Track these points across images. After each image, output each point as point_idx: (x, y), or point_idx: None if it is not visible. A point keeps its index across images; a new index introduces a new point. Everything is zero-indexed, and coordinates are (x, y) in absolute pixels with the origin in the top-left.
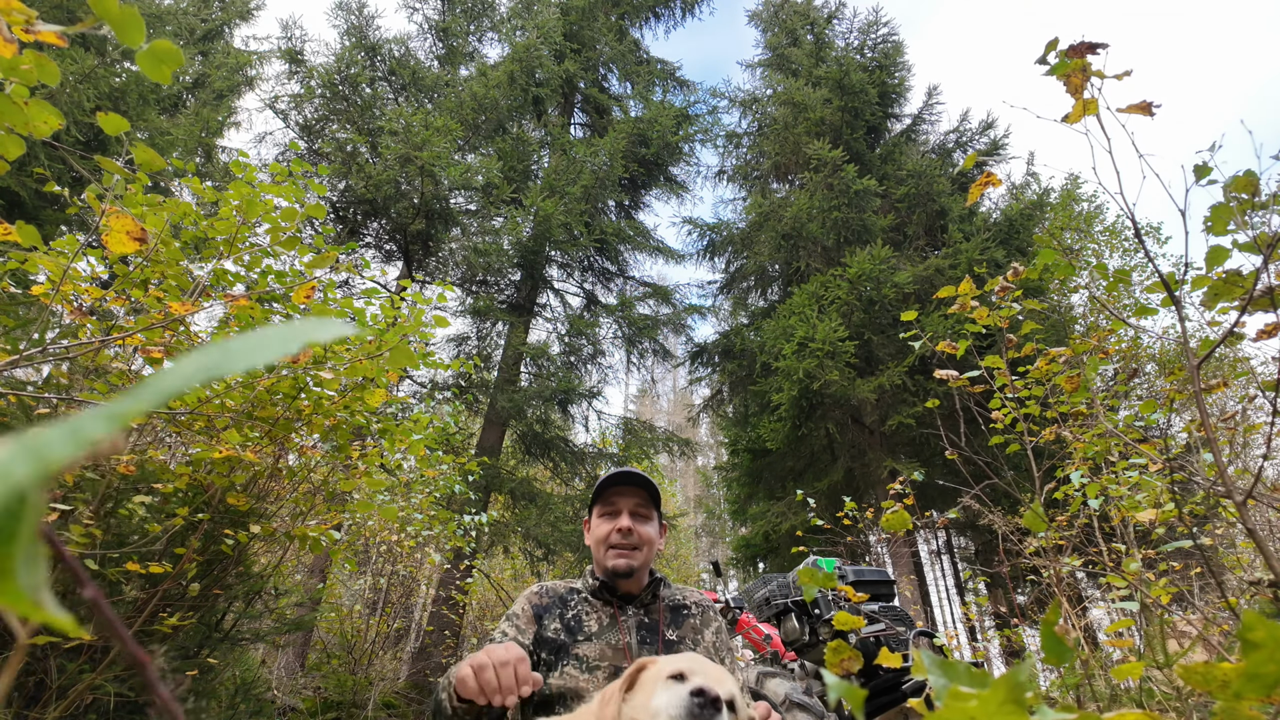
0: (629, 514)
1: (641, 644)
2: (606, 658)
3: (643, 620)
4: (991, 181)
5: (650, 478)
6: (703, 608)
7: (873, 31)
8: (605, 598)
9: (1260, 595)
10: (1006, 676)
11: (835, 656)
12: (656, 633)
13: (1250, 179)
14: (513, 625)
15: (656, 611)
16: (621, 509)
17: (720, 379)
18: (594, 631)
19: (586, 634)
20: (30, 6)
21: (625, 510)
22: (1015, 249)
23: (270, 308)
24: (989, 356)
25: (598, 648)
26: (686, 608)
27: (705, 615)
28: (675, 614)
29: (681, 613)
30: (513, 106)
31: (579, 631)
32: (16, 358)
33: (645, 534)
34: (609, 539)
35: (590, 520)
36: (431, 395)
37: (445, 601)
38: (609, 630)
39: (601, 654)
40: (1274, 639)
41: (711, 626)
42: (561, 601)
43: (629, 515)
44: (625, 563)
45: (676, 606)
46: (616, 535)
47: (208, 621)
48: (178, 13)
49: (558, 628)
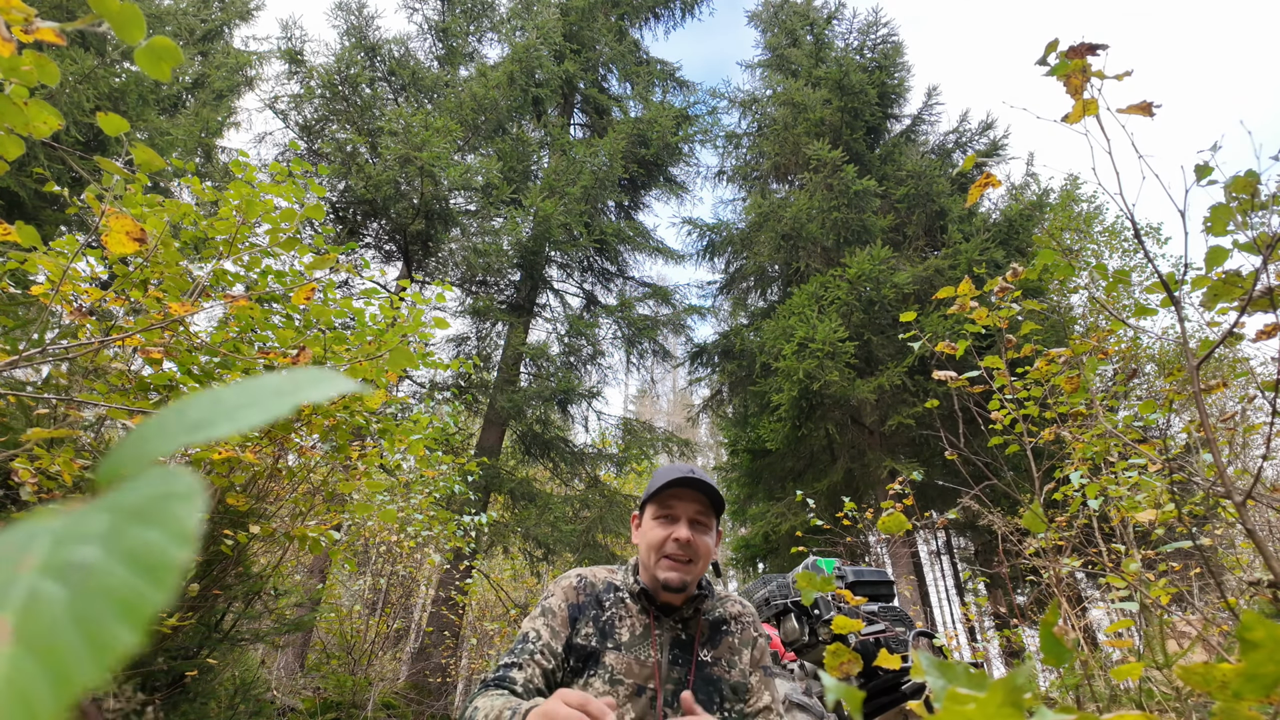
0: (688, 522)
1: (673, 664)
2: (633, 674)
3: (679, 636)
4: (991, 182)
5: (714, 483)
6: (743, 624)
7: (872, 32)
8: (644, 604)
9: (1260, 596)
10: (1004, 680)
11: (835, 660)
12: (691, 651)
13: (1251, 179)
14: (547, 625)
15: (695, 627)
16: (680, 515)
17: (720, 379)
18: (624, 641)
19: (617, 641)
20: (29, 5)
21: (684, 518)
22: (1015, 249)
23: (270, 308)
24: (988, 357)
25: (625, 661)
26: (726, 623)
27: (745, 632)
28: (714, 630)
29: (720, 629)
30: (512, 107)
31: (610, 637)
32: (16, 358)
33: (703, 546)
34: (664, 547)
35: (641, 518)
36: (431, 395)
37: (445, 602)
38: (641, 643)
39: (629, 669)
40: (1273, 639)
41: (751, 645)
42: (598, 602)
43: (688, 524)
44: (678, 576)
45: (716, 622)
46: (673, 545)
47: (207, 622)
48: (177, 13)
49: (589, 632)
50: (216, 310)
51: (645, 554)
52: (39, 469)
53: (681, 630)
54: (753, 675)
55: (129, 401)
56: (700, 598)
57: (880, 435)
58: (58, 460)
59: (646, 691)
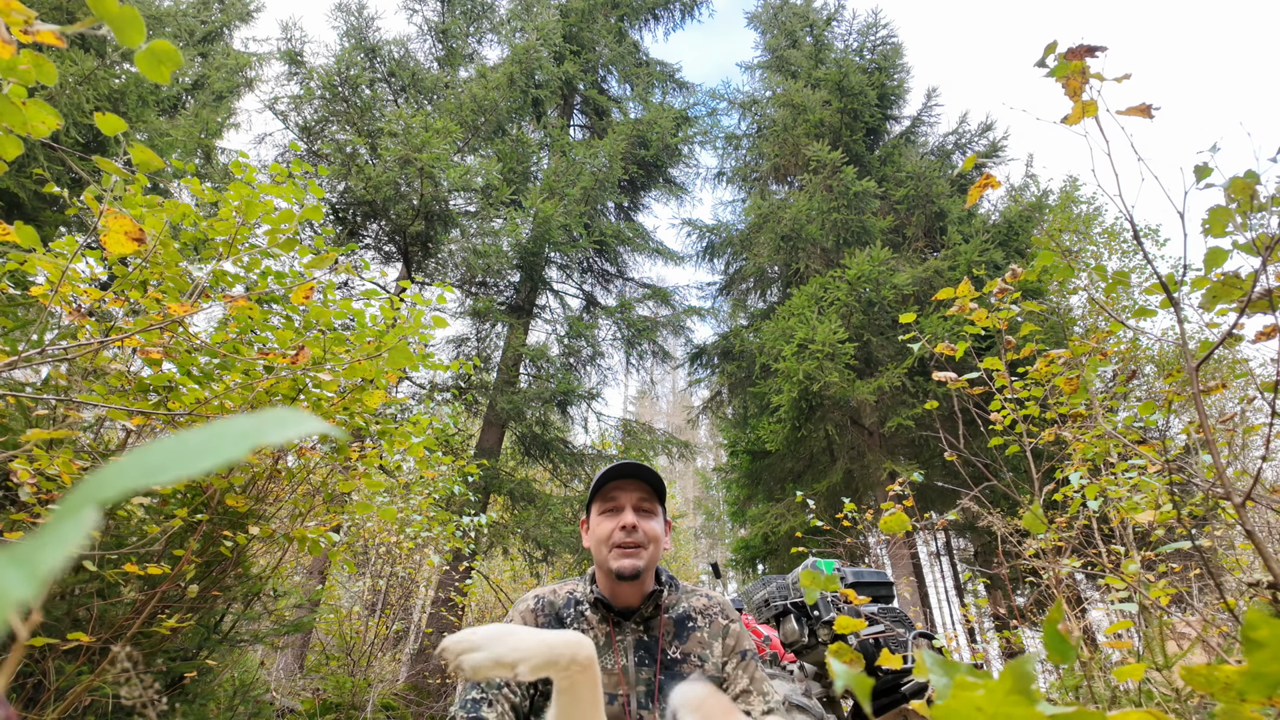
0: (632, 509)
1: (640, 665)
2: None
3: (641, 638)
4: (990, 183)
5: (653, 469)
6: (711, 616)
7: (872, 33)
8: (603, 613)
9: (1259, 597)
10: (1013, 666)
11: (838, 658)
12: (656, 651)
13: (1249, 180)
14: None
15: (657, 626)
16: (624, 504)
17: (720, 380)
18: None
19: None
20: (29, 7)
21: (629, 505)
22: (1014, 251)
23: (269, 309)
24: (988, 358)
25: None
26: (692, 618)
27: (714, 624)
28: (680, 626)
29: (687, 625)
30: (512, 108)
31: None
32: (15, 359)
33: (651, 531)
34: (611, 538)
35: (589, 520)
36: (431, 396)
37: (444, 603)
38: (604, 653)
39: None
40: (1278, 638)
41: (723, 635)
42: (558, 619)
43: (633, 511)
44: (630, 563)
45: (682, 618)
46: (620, 534)
47: (206, 623)
48: (177, 15)
49: None
50: (216, 311)
51: (597, 550)
52: (38, 470)
53: (644, 631)
54: (728, 663)
55: (128, 402)
56: (657, 594)
57: (880, 436)
58: (57, 461)
59: (618, 699)
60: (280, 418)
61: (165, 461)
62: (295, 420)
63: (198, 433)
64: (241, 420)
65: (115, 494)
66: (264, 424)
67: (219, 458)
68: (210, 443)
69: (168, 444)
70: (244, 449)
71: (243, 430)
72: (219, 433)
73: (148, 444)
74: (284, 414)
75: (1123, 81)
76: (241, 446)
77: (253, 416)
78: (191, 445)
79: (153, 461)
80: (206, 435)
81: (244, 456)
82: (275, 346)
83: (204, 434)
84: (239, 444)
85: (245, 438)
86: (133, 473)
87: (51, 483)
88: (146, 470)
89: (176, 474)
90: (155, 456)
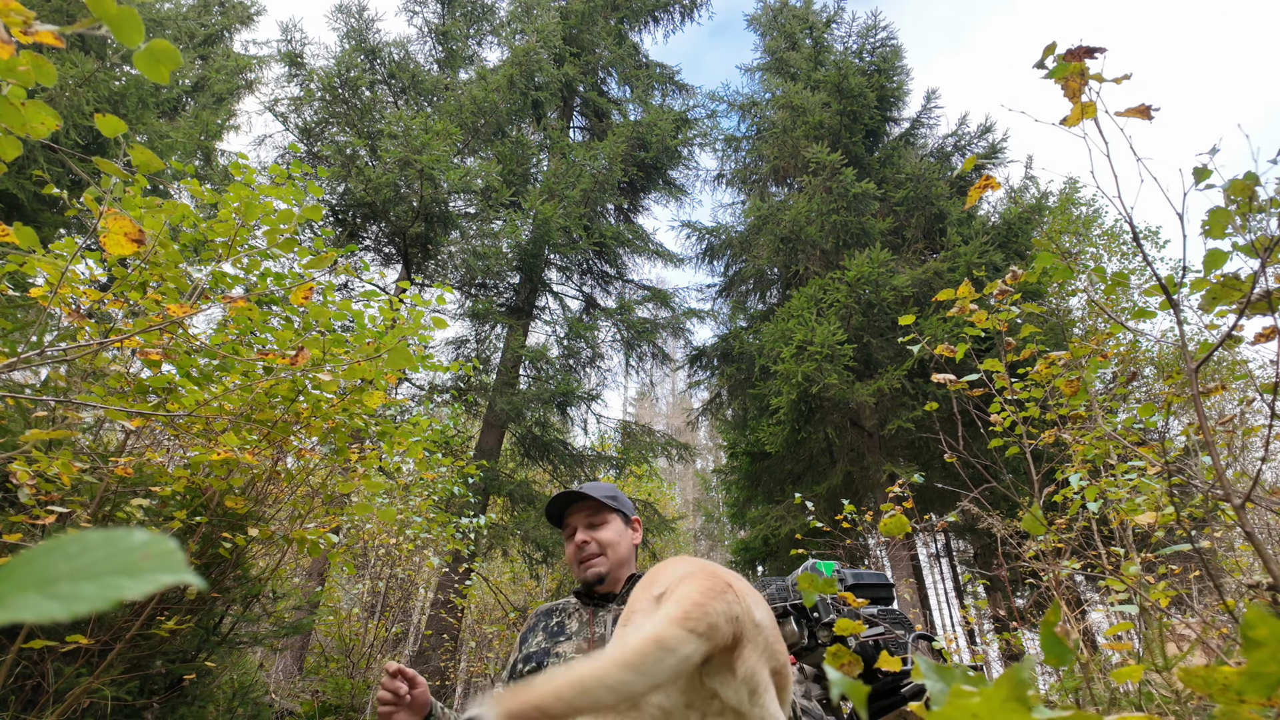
0: (583, 528)
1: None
2: (582, 652)
3: (618, 615)
4: (990, 185)
5: (594, 484)
6: None
7: (871, 35)
8: (584, 600)
9: (1259, 598)
10: (1009, 674)
11: (835, 661)
12: None
13: (1249, 182)
14: (509, 663)
15: None
16: (575, 525)
17: (719, 382)
18: (574, 631)
19: (568, 634)
20: (29, 8)
21: (579, 526)
22: (1014, 252)
23: (269, 310)
24: (988, 360)
25: (574, 644)
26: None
27: None
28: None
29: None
30: (512, 110)
31: (561, 635)
32: (14, 360)
33: (603, 539)
34: (575, 557)
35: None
36: (430, 398)
37: (444, 605)
38: (585, 629)
39: (578, 649)
40: (1277, 637)
41: None
42: (548, 615)
43: (584, 529)
44: (595, 571)
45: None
46: (576, 551)
47: (206, 625)
48: (178, 17)
49: (540, 639)
50: (215, 312)
51: (572, 569)
52: (37, 471)
53: (622, 609)
54: None
55: (127, 404)
56: (636, 577)
57: (879, 438)
58: (56, 462)
59: None
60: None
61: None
62: (150, 578)
63: (58, 564)
64: (120, 560)
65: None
66: (110, 588)
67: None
68: (71, 589)
69: (19, 571)
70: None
71: (122, 567)
72: (99, 564)
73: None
74: (161, 559)
75: (1122, 83)
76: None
77: (133, 559)
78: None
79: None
80: (85, 565)
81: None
82: (275, 348)
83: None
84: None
85: (105, 590)
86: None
87: (51, 484)
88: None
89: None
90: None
